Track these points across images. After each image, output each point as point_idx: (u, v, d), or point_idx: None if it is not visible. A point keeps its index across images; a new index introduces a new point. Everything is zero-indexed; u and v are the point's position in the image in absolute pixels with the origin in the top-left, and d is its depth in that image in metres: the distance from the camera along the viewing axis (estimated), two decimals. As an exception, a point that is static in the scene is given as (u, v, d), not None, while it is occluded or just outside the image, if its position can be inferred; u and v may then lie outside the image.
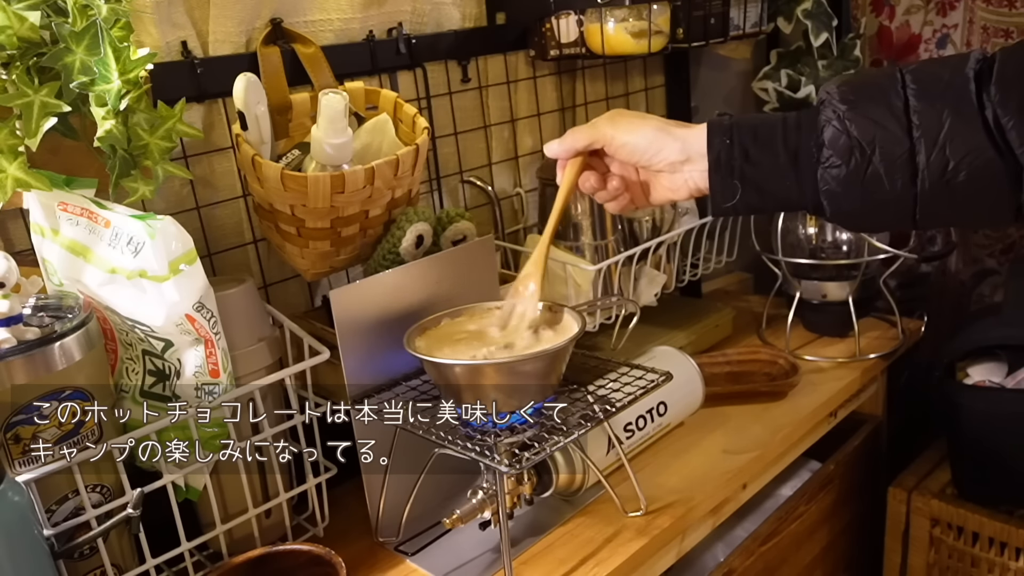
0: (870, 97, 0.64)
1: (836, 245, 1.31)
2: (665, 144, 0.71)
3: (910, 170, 0.62)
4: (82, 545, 0.69)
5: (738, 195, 0.68)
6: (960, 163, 0.61)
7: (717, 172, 0.69)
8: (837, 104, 0.64)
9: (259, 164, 0.81)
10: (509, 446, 0.75)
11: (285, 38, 0.94)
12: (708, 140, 0.69)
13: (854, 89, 0.65)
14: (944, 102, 0.61)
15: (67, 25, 0.65)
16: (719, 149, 0.68)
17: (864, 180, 0.64)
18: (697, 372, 1.05)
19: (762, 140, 0.68)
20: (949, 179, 0.61)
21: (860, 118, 0.63)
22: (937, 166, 0.61)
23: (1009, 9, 1.40)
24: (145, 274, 0.69)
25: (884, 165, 0.63)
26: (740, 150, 0.68)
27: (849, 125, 0.63)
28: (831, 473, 1.22)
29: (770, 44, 1.51)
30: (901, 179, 0.63)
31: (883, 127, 0.63)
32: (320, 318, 0.95)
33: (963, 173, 0.61)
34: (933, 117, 0.61)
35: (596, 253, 1.11)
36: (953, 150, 0.61)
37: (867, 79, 0.66)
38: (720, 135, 0.69)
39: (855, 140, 0.63)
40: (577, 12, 1.13)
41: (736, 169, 0.68)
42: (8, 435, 0.67)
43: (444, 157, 1.16)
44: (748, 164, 0.68)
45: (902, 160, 0.62)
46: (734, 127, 0.69)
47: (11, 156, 0.66)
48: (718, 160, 0.68)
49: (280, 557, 0.80)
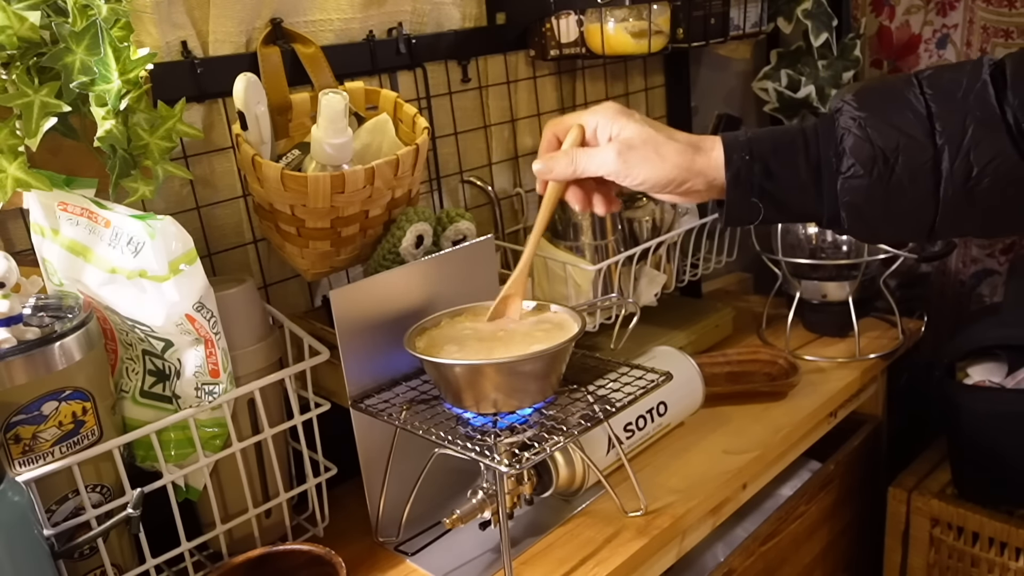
0: (890, 104, 0.62)
1: (836, 245, 1.31)
2: (688, 179, 0.67)
3: (934, 178, 0.60)
4: (82, 545, 0.69)
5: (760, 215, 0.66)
6: (984, 169, 0.59)
7: (736, 189, 0.66)
8: (856, 112, 0.62)
9: (259, 164, 0.81)
10: (509, 446, 0.75)
11: (285, 38, 0.94)
12: (726, 156, 0.66)
13: (872, 96, 0.63)
14: (966, 108, 0.60)
15: (67, 25, 0.65)
16: (738, 166, 0.65)
17: (887, 189, 0.62)
18: (697, 372, 1.05)
19: (782, 154, 0.65)
20: (972, 186, 0.60)
21: (883, 125, 0.61)
22: (961, 173, 0.60)
23: (1009, 9, 1.40)
24: (145, 274, 0.69)
25: (908, 173, 0.61)
26: (760, 167, 0.65)
27: (871, 133, 0.61)
28: (831, 473, 1.22)
29: (770, 44, 1.51)
30: (924, 187, 0.61)
31: (907, 134, 0.61)
32: (320, 318, 0.95)
33: (987, 180, 0.59)
34: (956, 123, 0.60)
35: (596, 253, 1.11)
36: (977, 156, 0.59)
37: (883, 86, 0.64)
38: (738, 151, 0.66)
39: (878, 149, 0.61)
40: (577, 12, 1.13)
41: (756, 186, 0.65)
42: (8, 435, 0.67)
43: (444, 157, 1.16)
44: (768, 180, 0.65)
45: (927, 168, 0.60)
46: (752, 142, 0.66)
47: (11, 156, 0.66)
48: (737, 177, 0.65)
49: (280, 557, 0.80)
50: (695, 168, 0.66)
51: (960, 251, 1.54)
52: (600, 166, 0.69)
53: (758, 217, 0.67)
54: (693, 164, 0.66)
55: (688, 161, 0.67)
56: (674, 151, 0.67)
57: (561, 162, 0.71)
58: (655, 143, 0.67)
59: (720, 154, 0.66)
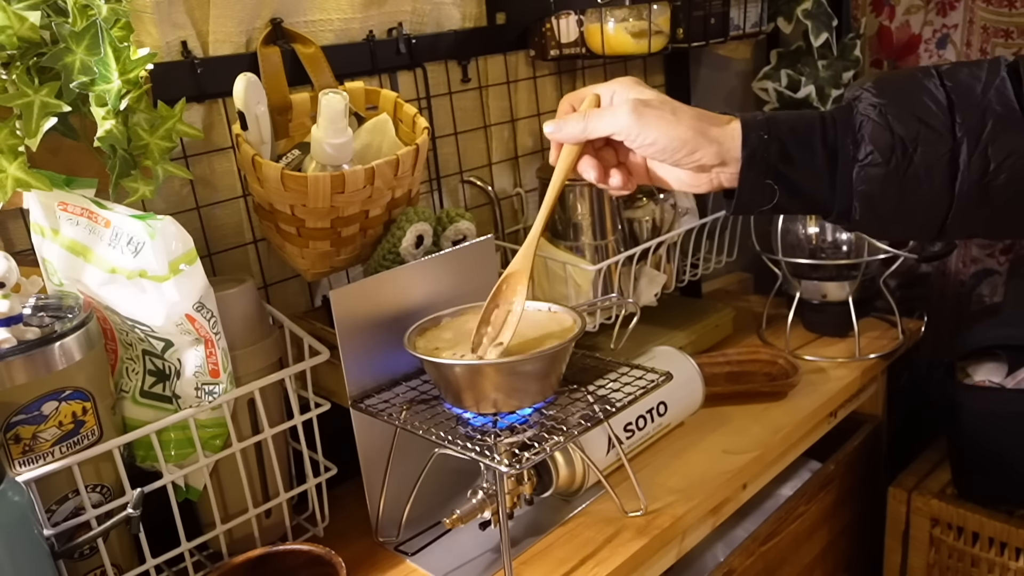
0: (912, 93, 0.61)
1: (836, 245, 1.31)
2: (700, 146, 0.64)
3: (951, 172, 0.59)
4: (82, 545, 0.69)
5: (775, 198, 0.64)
6: (1001, 165, 0.58)
7: (751, 170, 0.63)
8: (875, 99, 0.61)
9: (259, 164, 0.81)
10: (509, 446, 0.75)
11: (285, 38, 0.94)
12: (744, 135, 0.63)
13: (893, 84, 0.62)
14: (985, 102, 0.59)
15: (67, 25, 0.65)
16: (755, 144, 0.63)
17: (903, 180, 0.60)
18: (697, 372, 1.05)
19: (800, 136, 0.63)
20: (988, 182, 0.59)
21: (904, 113, 0.60)
22: (977, 168, 0.59)
23: (1009, 9, 1.40)
24: (145, 274, 0.69)
25: (925, 164, 0.60)
26: (777, 147, 0.63)
27: (892, 120, 0.60)
28: (831, 473, 1.22)
29: (770, 44, 1.51)
30: (940, 180, 0.60)
31: (927, 124, 0.59)
32: (320, 318, 0.95)
33: (1003, 176, 0.59)
34: (976, 116, 0.59)
35: (596, 253, 1.11)
36: (995, 151, 0.58)
37: (904, 75, 0.63)
38: (757, 130, 0.63)
39: (898, 137, 0.60)
40: (577, 12, 1.13)
41: (772, 168, 0.63)
42: (8, 435, 0.67)
43: (444, 157, 1.16)
44: (784, 163, 0.63)
45: (944, 160, 0.59)
46: (771, 122, 0.64)
47: (11, 156, 0.66)
48: (753, 156, 0.63)
49: (280, 557, 0.80)
50: (710, 135, 0.64)
51: (960, 251, 1.54)
52: (612, 123, 0.66)
53: (771, 201, 0.65)
54: (708, 131, 0.65)
55: (703, 127, 0.65)
56: (690, 115, 0.65)
57: (571, 121, 0.68)
58: (672, 105, 0.66)
59: (737, 128, 0.64)
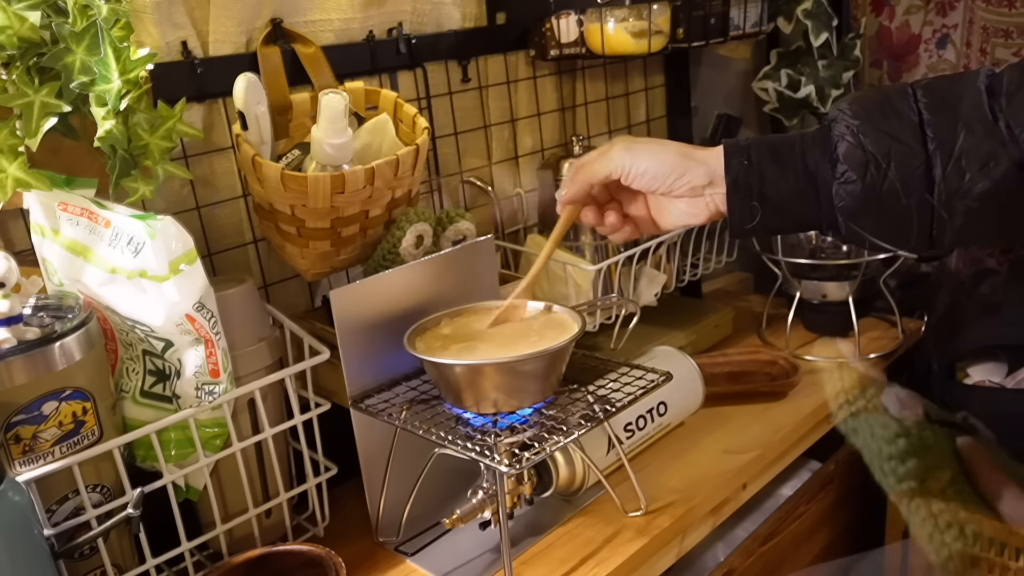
0: (883, 111, 0.63)
1: (836, 245, 1.31)
2: (688, 168, 0.70)
3: (926, 184, 0.61)
4: (82, 545, 0.69)
5: (757, 217, 0.68)
6: (976, 175, 0.60)
7: (735, 193, 0.68)
8: (849, 119, 0.64)
9: (259, 164, 0.81)
10: (509, 446, 0.75)
11: (285, 38, 0.94)
12: (726, 161, 0.68)
13: (866, 104, 0.64)
14: (958, 115, 0.61)
15: (67, 25, 0.65)
16: (737, 170, 0.67)
17: (880, 195, 0.63)
18: (697, 372, 1.05)
19: (781, 159, 0.67)
20: (966, 192, 0.61)
21: (874, 131, 0.63)
22: (953, 179, 0.61)
23: (1009, 9, 1.40)
24: (145, 274, 0.69)
25: (900, 179, 0.62)
26: (758, 171, 0.67)
27: (863, 139, 0.63)
28: (831, 473, 1.21)
29: (770, 44, 1.51)
30: (917, 193, 0.62)
31: (898, 140, 0.62)
32: (320, 318, 0.95)
33: (979, 185, 0.60)
34: (948, 130, 0.61)
35: (596, 253, 1.11)
36: (969, 162, 0.60)
37: (878, 95, 0.65)
38: (738, 156, 0.68)
39: (870, 154, 0.62)
40: (577, 12, 1.13)
41: (754, 191, 0.67)
42: (8, 435, 0.67)
43: (444, 157, 1.16)
44: (766, 184, 0.67)
45: (918, 173, 0.62)
46: (752, 147, 0.68)
47: (11, 156, 0.66)
48: (736, 182, 0.67)
49: (280, 557, 0.80)
50: (696, 156, 0.70)
51: (960, 251, 1.54)
52: (607, 163, 0.73)
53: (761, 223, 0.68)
54: (693, 154, 0.71)
55: (689, 151, 0.71)
56: (676, 145, 0.72)
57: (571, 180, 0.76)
58: (659, 140, 0.73)
59: (721, 152, 0.69)
